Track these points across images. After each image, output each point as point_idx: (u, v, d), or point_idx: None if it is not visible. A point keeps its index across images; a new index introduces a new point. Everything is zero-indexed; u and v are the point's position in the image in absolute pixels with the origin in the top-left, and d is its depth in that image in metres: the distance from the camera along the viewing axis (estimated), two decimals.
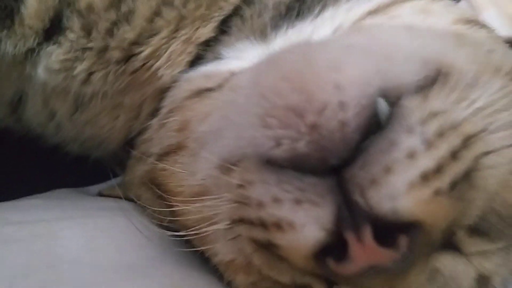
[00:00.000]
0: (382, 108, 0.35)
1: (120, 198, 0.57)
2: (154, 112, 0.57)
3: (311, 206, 0.34)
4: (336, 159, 0.34)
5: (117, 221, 0.50)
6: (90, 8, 0.51)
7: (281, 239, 0.36)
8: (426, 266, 0.39)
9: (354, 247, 0.33)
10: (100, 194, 0.62)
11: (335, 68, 0.35)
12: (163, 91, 0.56)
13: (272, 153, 0.35)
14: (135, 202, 0.56)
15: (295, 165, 0.35)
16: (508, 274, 0.44)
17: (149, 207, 0.52)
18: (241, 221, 0.40)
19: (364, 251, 0.33)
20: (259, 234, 0.38)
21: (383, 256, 0.33)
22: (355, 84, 0.34)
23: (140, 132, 0.59)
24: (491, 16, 1.12)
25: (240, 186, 0.39)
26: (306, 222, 0.34)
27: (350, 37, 0.43)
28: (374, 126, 0.34)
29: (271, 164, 0.36)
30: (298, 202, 0.34)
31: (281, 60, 0.38)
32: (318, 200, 0.34)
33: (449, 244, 0.40)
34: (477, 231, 0.40)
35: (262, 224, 0.37)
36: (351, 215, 0.33)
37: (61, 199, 0.56)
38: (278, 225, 0.35)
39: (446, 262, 0.40)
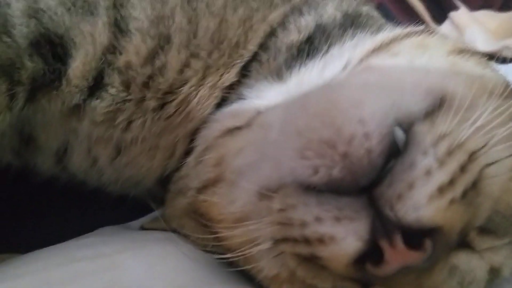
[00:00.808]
0: (399, 136, 0.42)
1: (162, 229, 0.64)
2: (187, 151, 0.64)
3: (349, 221, 0.41)
4: (366, 180, 0.41)
5: (167, 249, 0.56)
6: (128, 65, 0.57)
7: (324, 251, 0.42)
8: (446, 263, 0.46)
9: (388, 252, 0.40)
10: (143, 228, 0.68)
11: (357, 106, 0.42)
12: (194, 132, 0.63)
13: (311, 180, 0.42)
14: (177, 232, 0.63)
15: (331, 189, 0.42)
16: None
17: (193, 234, 0.58)
18: (284, 240, 0.47)
19: (397, 255, 0.40)
20: (302, 249, 0.45)
21: (413, 257, 0.40)
22: (375, 117, 0.41)
23: (175, 170, 0.66)
24: (473, 33, 1.21)
25: (282, 210, 0.46)
26: (346, 235, 0.41)
27: (363, 76, 0.51)
28: (394, 150, 0.41)
29: (310, 189, 0.43)
30: (337, 219, 0.41)
31: (310, 102, 0.45)
32: (354, 216, 0.41)
33: (464, 243, 0.47)
34: (485, 230, 0.48)
35: (305, 241, 0.44)
36: (383, 226, 0.40)
37: (113, 234, 0.62)
38: (321, 240, 0.42)
39: (462, 259, 0.47)
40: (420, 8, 1.33)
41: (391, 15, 1.24)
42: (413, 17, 1.31)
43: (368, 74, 0.51)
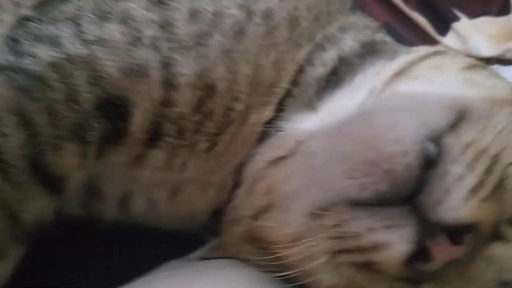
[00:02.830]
0: (431, 149, 0.49)
1: (221, 257, 0.71)
2: (235, 184, 0.71)
3: (397, 228, 0.48)
4: (408, 191, 0.48)
5: (235, 272, 0.63)
6: (181, 116, 0.65)
7: (379, 257, 0.49)
8: (484, 255, 0.52)
9: (435, 249, 0.46)
10: (203, 258, 0.75)
11: (392, 128, 0.50)
12: (240, 166, 0.70)
13: (360, 196, 0.49)
14: (235, 258, 0.70)
15: (379, 202, 0.49)
16: None
17: (253, 258, 0.65)
18: (340, 252, 0.54)
19: (443, 251, 0.46)
20: (358, 258, 0.51)
21: (456, 251, 0.47)
22: (409, 136, 0.49)
23: (226, 202, 0.73)
24: (476, 40, 1.29)
25: (335, 225, 0.53)
26: (397, 240, 0.48)
27: (392, 101, 0.58)
28: (429, 162, 0.49)
29: (360, 204, 0.50)
30: (388, 227, 0.48)
31: (350, 129, 0.53)
32: (402, 223, 0.48)
33: (497, 235, 0.54)
34: None
35: (360, 250, 0.51)
36: (427, 228, 0.47)
37: (181, 267, 0.70)
38: (375, 247, 0.49)
39: (497, 249, 0.53)
40: (423, 23, 1.40)
41: (397, 33, 1.33)
42: (417, 32, 1.39)
43: (395, 99, 0.58)
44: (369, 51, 0.73)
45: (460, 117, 0.53)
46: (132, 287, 0.64)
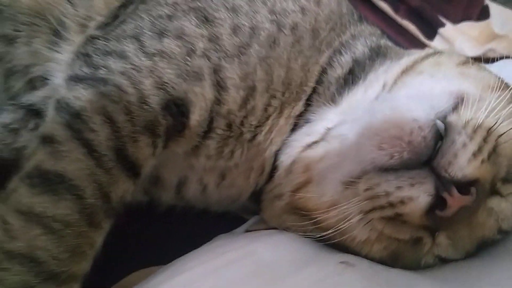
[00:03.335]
0: (440, 125, 0.64)
1: (264, 229, 0.85)
2: (273, 168, 0.85)
3: (419, 185, 0.62)
4: (425, 156, 0.63)
5: (279, 237, 0.77)
6: (229, 112, 0.78)
7: (405, 209, 0.63)
8: (485, 206, 0.67)
9: (449, 199, 0.61)
10: (248, 231, 0.89)
11: (410, 110, 0.64)
12: (276, 153, 0.84)
13: (389, 163, 0.64)
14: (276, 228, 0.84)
15: (404, 166, 0.63)
16: None
17: (295, 224, 0.79)
18: (372, 210, 0.67)
19: (455, 200, 0.61)
20: (388, 212, 0.65)
21: (465, 200, 0.61)
22: (423, 116, 0.64)
23: (264, 184, 0.87)
24: (461, 43, 1.45)
25: (368, 189, 0.67)
26: (419, 194, 0.62)
27: (405, 91, 0.73)
28: (439, 134, 0.63)
29: (388, 170, 0.64)
30: (412, 184, 0.62)
31: (378, 113, 0.67)
32: (423, 181, 0.62)
33: (494, 191, 0.68)
34: (507, 180, 0.69)
35: (390, 205, 0.64)
36: (442, 183, 0.62)
37: (230, 238, 0.83)
38: (402, 201, 0.63)
39: (495, 203, 0.68)
40: (413, 29, 1.55)
41: (391, 39, 1.46)
42: (408, 37, 1.55)
43: (407, 89, 0.73)
44: (377, 54, 0.88)
45: (459, 101, 0.68)
46: (194, 254, 0.77)
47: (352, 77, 0.84)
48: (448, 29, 1.54)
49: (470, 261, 0.71)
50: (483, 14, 1.62)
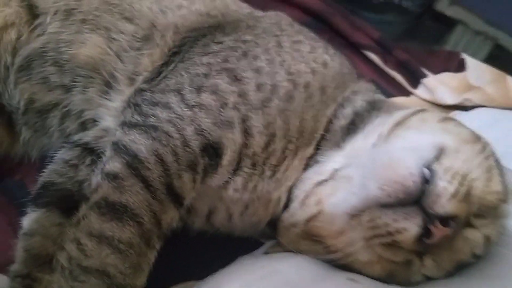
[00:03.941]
0: (427, 172, 0.81)
1: (281, 251, 1.02)
2: (289, 200, 1.02)
3: (412, 218, 0.79)
4: (416, 197, 0.80)
5: (298, 258, 0.93)
6: (254, 154, 0.93)
7: (400, 237, 0.80)
8: (461, 235, 0.84)
9: (434, 230, 0.77)
10: (266, 253, 1.05)
11: (404, 161, 0.82)
12: (291, 188, 1.01)
13: (388, 200, 0.81)
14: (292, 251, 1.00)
15: (399, 203, 0.80)
16: (497, 235, 0.91)
17: (309, 249, 0.95)
18: (373, 237, 0.84)
19: (439, 231, 0.77)
20: (387, 239, 0.82)
21: (446, 231, 0.78)
22: (413, 165, 0.81)
23: (280, 213, 1.03)
24: (441, 92, 1.63)
25: (370, 220, 0.84)
26: (411, 226, 0.79)
27: (398, 143, 0.90)
28: (426, 179, 0.81)
29: (387, 206, 0.82)
30: (405, 218, 0.79)
31: (379, 160, 0.85)
32: (414, 215, 0.79)
33: (468, 224, 0.86)
34: (479, 215, 0.86)
35: (389, 233, 0.81)
36: (429, 217, 0.79)
37: (252, 258, 0.99)
38: (398, 231, 0.80)
39: (469, 233, 0.85)
40: (400, 79, 1.69)
41: (381, 87, 1.60)
42: (396, 85, 1.69)
43: (400, 141, 0.90)
44: (373, 107, 1.05)
45: (441, 152, 0.86)
46: (229, 270, 0.93)
47: (354, 127, 1.01)
48: (430, 80, 1.70)
49: (449, 279, 0.89)
50: (461, 66, 1.79)
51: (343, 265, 0.91)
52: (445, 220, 0.79)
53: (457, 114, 1.57)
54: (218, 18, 1.14)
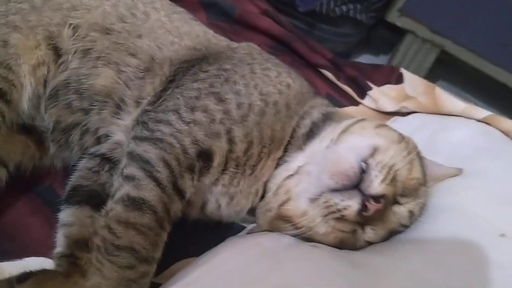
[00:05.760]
0: (364, 165, 1.10)
1: (260, 231, 1.31)
2: (264, 191, 1.30)
3: (354, 198, 1.07)
4: (356, 183, 1.09)
5: (274, 233, 1.22)
6: (237, 157, 1.18)
7: (346, 212, 1.09)
8: (391, 210, 1.14)
9: (370, 206, 1.07)
10: (249, 233, 1.34)
11: (347, 158, 1.11)
12: (266, 182, 1.28)
13: (336, 187, 1.11)
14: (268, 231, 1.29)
15: (344, 188, 1.09)
16: (420, 210, 1.22)
17: (281, 227, 1.24)
18: (327, 214, 1.13)
19: (373, 206, 1.07)
20: (337, 214, 1.10)
21: (378, 206, 1.07)
22: (353, 160, 1.11)
23: (258, 202, 1.32)
24: (383, 101, 1.90)
25: (324, 202, 1.14)
26: (354, 203, 1.07)
27: (344, 144, 1.17)
28: (363, 170, 1.11)
29: (336, 190, 1.11)
30: (349, 198, 1.08)
31: (329, 158, 1.16)
32: (355, 196, 1.08)
33: (396, 201, 1.15)
34: (403, 195, 1.16)
35: (338, 210, 1.11)
36: (365, 197, 1.08)
37: (239, 238, 1.28)
38: (345, 208, 1.09)
39: (396, 208, 1.15)
40: (350, 91, 1.93)
41: (335, 99, 1.89)
42: (347, 97, 1.93)
43: (346, 143, 1.17)
44: (326, 118, 1.33)
45: (375, 150, 1.15)
46: (221, 247, 1.22)
47: (312, 134, 1.23)
48: (374, 91, 1.92)
49: (385, 243, 1.18)
50: (399, 79, 2.00)
51: (307, 238, 1.12)
52: (377, 198, 1.03)
53: (396, 119, 1.82)
54: (203, 51, 1.34)
